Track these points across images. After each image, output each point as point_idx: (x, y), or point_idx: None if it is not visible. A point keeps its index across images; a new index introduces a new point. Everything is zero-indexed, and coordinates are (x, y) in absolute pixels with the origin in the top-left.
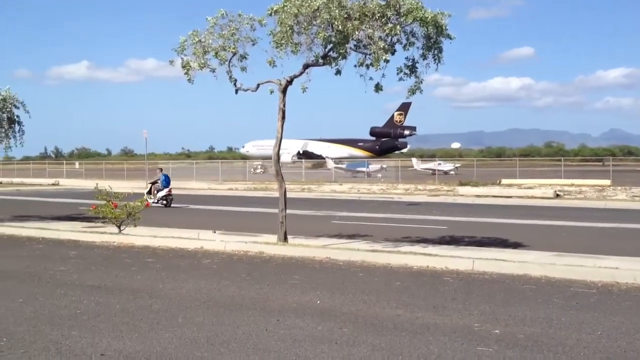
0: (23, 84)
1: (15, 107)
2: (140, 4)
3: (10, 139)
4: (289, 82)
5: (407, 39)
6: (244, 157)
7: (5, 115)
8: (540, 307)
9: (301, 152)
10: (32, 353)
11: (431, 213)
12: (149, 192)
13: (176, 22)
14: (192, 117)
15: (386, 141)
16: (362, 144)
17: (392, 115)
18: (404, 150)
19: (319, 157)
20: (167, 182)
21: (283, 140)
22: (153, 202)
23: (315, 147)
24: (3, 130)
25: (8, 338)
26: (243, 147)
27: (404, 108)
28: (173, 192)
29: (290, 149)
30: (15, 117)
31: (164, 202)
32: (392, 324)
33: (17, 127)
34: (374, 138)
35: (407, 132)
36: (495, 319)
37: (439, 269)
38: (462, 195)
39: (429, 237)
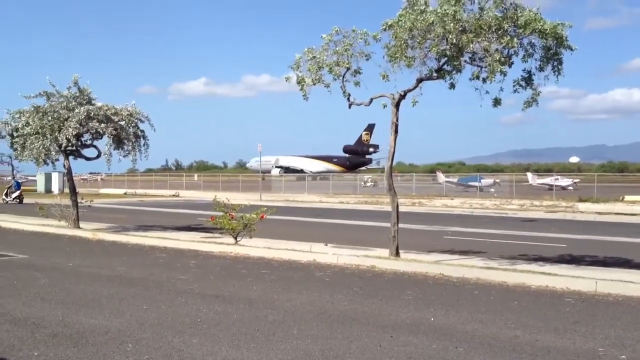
0: (147, 99)
1: (141, 121)
2: (259, 20)
3: (136, 152)
4: (402, 97)
5: (526, 51)
6: (253, 171)
7: (131, 129)
8: None
9: (274, 166)
10: (156, 359)
11: (549, 230)
12: (6, 194)
13: (289, 38)
14: (302, 130)
15: (353, 157)
16: (336, 160)
17: (361, 135)
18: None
19: (295, 170)
20: (17, 186)
21: (269, 156)
22: (9, 201)
23: (291, 162)
24: (130, 143)
25: (134, 344)
26: (248, 162)
27: (370, 129)
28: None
29: (276, 163)
30: (140, 131)
31: (17, 200)
32: (510, 345)
33: (142, 141)
34: (347, 155)
35: (371, 149)
36: (622, 344)
37: (559, 289)
38: (581, 212)
39: (547, 255)
